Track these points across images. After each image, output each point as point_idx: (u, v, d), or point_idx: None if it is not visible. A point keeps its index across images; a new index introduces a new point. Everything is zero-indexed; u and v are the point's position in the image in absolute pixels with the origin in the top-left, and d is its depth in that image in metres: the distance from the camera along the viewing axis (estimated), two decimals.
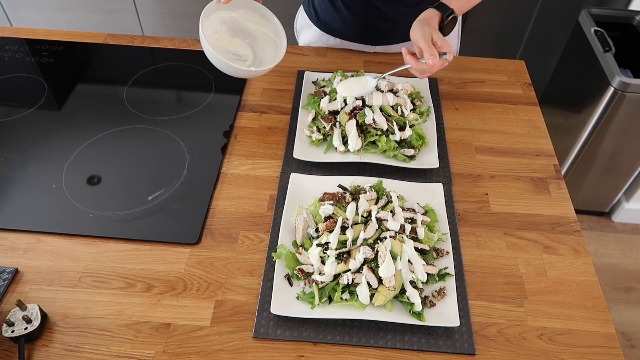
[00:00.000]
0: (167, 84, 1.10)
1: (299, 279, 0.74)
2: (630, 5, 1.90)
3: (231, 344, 0.70)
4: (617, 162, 1.77)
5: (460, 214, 0.86)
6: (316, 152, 0.92)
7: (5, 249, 0.79)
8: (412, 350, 0.70)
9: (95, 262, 0.78)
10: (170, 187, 0.88)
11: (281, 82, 1.10)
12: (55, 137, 0.96)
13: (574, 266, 0.80)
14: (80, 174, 0.90)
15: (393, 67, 1.14)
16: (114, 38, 1.20)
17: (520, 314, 0.74)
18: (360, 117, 0.91)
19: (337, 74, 1.04)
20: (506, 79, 1.12)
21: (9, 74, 1.10)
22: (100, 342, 0.69)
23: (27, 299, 0.73)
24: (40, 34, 1.21)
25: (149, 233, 0.81)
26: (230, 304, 0.74)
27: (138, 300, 0.74)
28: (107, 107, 1.03)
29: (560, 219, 0.86)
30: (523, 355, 0.70)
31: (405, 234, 0.76)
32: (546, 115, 1.12)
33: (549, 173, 0.93)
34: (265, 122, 1.01)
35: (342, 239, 0.75)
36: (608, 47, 1.61)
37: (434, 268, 0.74)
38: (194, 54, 1.17)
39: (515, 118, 1.04)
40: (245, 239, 0.82)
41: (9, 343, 0.68)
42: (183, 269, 0.77)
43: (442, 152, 0.95)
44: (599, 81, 1.59)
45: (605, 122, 1.63)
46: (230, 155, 0.94)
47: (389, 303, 0.71)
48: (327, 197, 0.82)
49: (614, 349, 0.71)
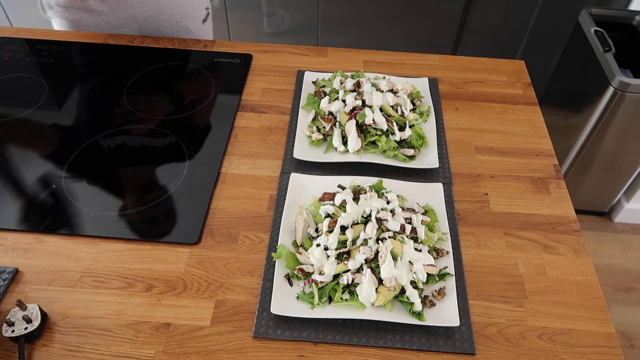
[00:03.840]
0: (167, 84, 1.10)
1: (299, 279, 0.74)
2: (630, 5, 1.90)
3: (231, 343, 0.70)
4: (617, 162, 1.77)
5: (460, 213, 0.86)
6: (316, 152, 0.92)
7: (5, 249, 0.79)
8: (412, 350, 0.70)
9: (95, 262, 0.78)
10: (170, 187, 0.88)
11: (281, 82, 1.10)
12: (55, 137, 0.96)
13: (574, 266, 0.80)
14: (80, 174, 0.90)
15: (393, 67, 1.14)
16: (114, 38, 1.20)
17: (520, 314, 0.74)
18: (360, 117, 0.91)
19: (337, 74, 1.04)
20: (506, 79, 1.12)
21: (9, 74, 1.10)
22: (100, 342, 0.69)
23: (27, 299, 0.73)
24: (40, 34, 1.21)
25: (149, 233, 0.81)
26: (230, 303, 0.74)
27: (138, 300, 0.74)
28: (107, 107, 1.03)
29: (560, 219, 0.86)
30: (523, 355, 0.70)
31: (405, 234, 0.76)
32: (546, 115, 1.12)
33: (549, 173, 0.93)
34: (265, 122, 1.01)
35: (342, 239, 0.75)
36: (608, 47, 1.61)
37: (434, 268, 0.74)
38: (194, 54, 1.17)
39: (515, 118, 1.04)
40: (245, 239, 0.82)
41: (9, 343, 0.69)
42: (183, 269, 0.78)
43: (442, 152, 0.95)
44: (599, 81, 1.59)
45: (605, 122, 1.63)
46: (230, 155, 0.95)
47: (389, 303, 0.71)
48: (327, 197, 0.82)
49: (614, 348, 0.71)
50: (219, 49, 1.18)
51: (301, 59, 1.16)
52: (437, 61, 1.16)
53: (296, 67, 1.14)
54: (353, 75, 1.04)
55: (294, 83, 1.10)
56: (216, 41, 1.20)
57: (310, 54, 1.17)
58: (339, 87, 1.00)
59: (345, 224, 0.76)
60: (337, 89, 0.99)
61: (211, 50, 1.18)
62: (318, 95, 1.01)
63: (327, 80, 1.05)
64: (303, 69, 1.13)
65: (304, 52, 1.18)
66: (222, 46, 1.19)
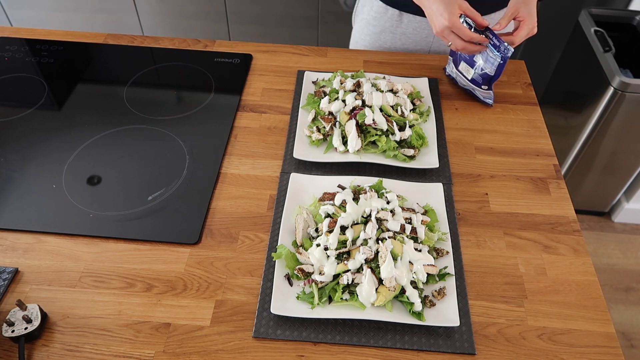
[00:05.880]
0: (167, 84, 1.10)
1: (299, 279, 0.74)
2: (630, 5, 1.90)
3: (231, 343, 0.70)
4: (617, 162, 1.77)
5: (460, 213, 0.86)
6: (316, 152, 0.92)
7: (5, 249, 0.79)
8: (412, 350, 0.70)
9: (95, 262, 0.78)
10: (170, 187, 0.88)
11: (281, 82, 1.10)
12: (55, 137, 0.96)
13: (574, 266, 0.80)
14: (80, 174, 0.90)
15: (393, 67, 1.14)
16: (114, 38, 1.20)
17: (520, 314, 0.74)
18: (360, 117, 0.91)
19: (337, 74, 1.04)
20: (506, 79, 1.12)
21: (9, 74, 1.10)
22: (100, 342, 0.69)
23: (27, 299, 0.73)
24: (40, 34, 1.21)
25: (149, 233, 0.81)
26: (230, 303, 0.74)
27: (138, 300, 0.74)
28: (107, 107, 1.03)
29: (560, 219, 0.86)
30: (523, 355, 0.70)
31: (405, 234, 0.76)
32: (546, 115, 1.12)
33: (548, 173, 0.93)
34: (265, 122, 1.01)
35: (342, 239, 0.75)
36: (608, 47, 1.61)
37: (434, 268, 0.74)
38: (194, 54, 1.17)
39: (515, 118, 1.04)
40: (245, 239, 0.82)
41: (9, 343, 0.69)
42: (183, 269, 0.78)
43: (442, 152, 0.95)
44: (599, 81, 1.59)
45: (605, 122, 1.63)
46: (230, 155, 0.95)
47: (389, 303, 0.71)
48: (327, 197, 0.82)
49: (614, 348, 0.71)
50: (219, 49, 1.18)
51: (301, 59, 1.16)
52: (437, 61, 1.16)
53: (296, 67, 1.14)
54: (353, 75, 1.04)
55: (294, 83, 1.10)
56: (216, 41, 1.20)
57: (310, 54, 1.17)
58: (339, 87, 1.00)
59: (345, 224, 0.76)
60: (337, 89, 0.99)
61: (211, 50, 1.18)
62: (318, 95, 1.01)
63: (327, 80, 1.05)
64: (303, 69, 1.13)
65: (304, 52, 1.18)
66: (222, 46, 1.19)
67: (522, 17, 0.93)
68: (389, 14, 1.14)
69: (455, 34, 0.91)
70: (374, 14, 1.17)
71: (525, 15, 0.92)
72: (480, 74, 1.00)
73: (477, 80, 1.02)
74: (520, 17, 0.93)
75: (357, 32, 1.26)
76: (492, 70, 0.97)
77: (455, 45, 0.93)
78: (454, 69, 1.07)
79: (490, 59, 0.96)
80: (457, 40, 0.92)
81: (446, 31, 0.91)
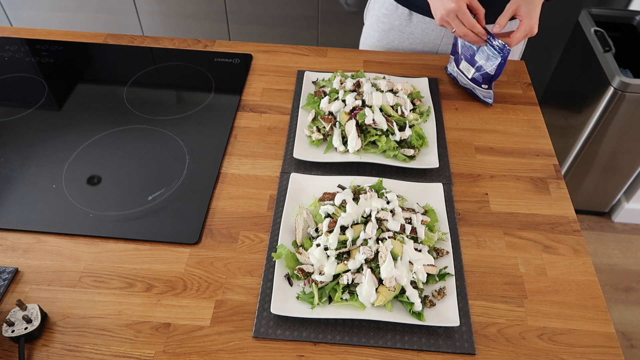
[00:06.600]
0: (167, 84, 1.10)
1: (299, 279, 0.74)
2: (630, 5, 1.90)
3: (231, 343, 0.70)
4: (617, 162, 1.77)
5: (460, 213, 0.86)
6: (316, 152, 0.92)
7: (5, 249, 0.79)
8: (412, 350, 0.70)
9: (95, 262, 0.78)
10: (170, 187, 0.88)
11: (281, 82, 1.10)
12: (55, 137, 0.96)
13: (574, 266, 0.80)
14: (80, 174, 0.90)
15: (393, 67, 1.14)
16: (114, 38, 1.20)
17: (520, 314, 0.74)
18: (360, 117, 0.91)
19: (337, 74, 1.04)
20: (506, 79, 1.12)
21: (9, 74, 1.10)
22: (100, 342, 0.69)
23: (27, 299, 0.73)
24: (40, 34, 1.21)
25: (149, 233, 0.81)
26: (230, 303, 0.74)
27: (138, 300, 0.74)
28: (107, 107, 1.03)
29: (560, 219, 0.86)
30: (523, 355, 0.70)
31: (405, 234, 0.76)
32: (546, 115, 1.12)
33: (548, 173, 0.93)
34: (265, 122, 1.01)
35: (342, 239, 0.75)
36: (608, 47, 1.61)
37: (434, 268, 0.74)
38: (194, 54, 1.17)
39: (515, 118, 1.04)
40: (245, 239, 0.82)
41: (9, 343, 0.69)
42: (183, 269, 0.78)
43: (442, 152, 0.95)
44: (599, 81, 1.59)
45: (605, 122, 1.63)
46: (230, 155, 0.95)
47: (389, 303, 0.71)
48: (327, 197, 0.82)
49: (614, 348, 0.71)
50: (219, 49, 1.18)
51: (301, 59, 1.16)
52: (437, 61, 1.16)
53: (296, 67, 1.14)
54: (353, 75, 1.04)
55: (294, 83, 1.10)
56: (216, 41, 1.20)
57: (310, 54, 1.17)
58: (339, 87, 1.00)
59: (345, 224, 0.76)
60: (337, 89, 0.99)
61: (211, 50, 1.18)
62: (318, 95, 1.01)
63: (327, 80, 1.05)
64: (303, 69, 1.13)
65: (304, 52, 1.18)
66: (222, 46, 1.19)
67: (521, 17, 0.93)
68: (399, 12, 1.15)
69: (459, 19, 0.92)
70: (384, 11, 1.17)
71: (524, 14, 0.92)
72: (480, 73, 1.00)
73: (477, 80, 1.02)
74: (519, 16, 0.93)
75: (367, 29, 1.27)
76: (492, 70, 0.98)
77: (458, 31, 0.94)
78: (455, 67, 1.07)
79: (491, 59, 0.97)
80: (461, 25, 0.93)
81: (452, 15, 0.92)
